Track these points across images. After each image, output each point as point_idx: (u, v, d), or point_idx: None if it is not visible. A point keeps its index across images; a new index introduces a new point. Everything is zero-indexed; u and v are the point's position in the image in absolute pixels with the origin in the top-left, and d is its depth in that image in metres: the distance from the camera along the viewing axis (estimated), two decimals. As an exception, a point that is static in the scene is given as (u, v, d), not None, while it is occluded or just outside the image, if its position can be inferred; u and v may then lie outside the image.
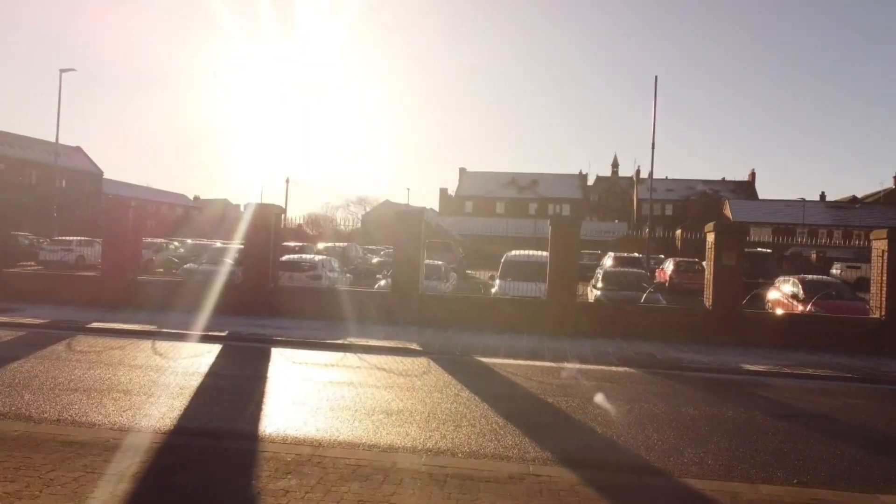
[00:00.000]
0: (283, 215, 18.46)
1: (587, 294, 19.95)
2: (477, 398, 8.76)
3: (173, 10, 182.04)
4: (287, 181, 58.63)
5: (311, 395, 8.63)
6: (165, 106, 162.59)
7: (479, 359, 11.80)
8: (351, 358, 11.57)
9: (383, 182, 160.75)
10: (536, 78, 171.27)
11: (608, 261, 27.56)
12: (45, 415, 7.23)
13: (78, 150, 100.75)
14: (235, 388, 9.10)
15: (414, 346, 12.72)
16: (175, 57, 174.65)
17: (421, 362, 11.37)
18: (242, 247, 17.90)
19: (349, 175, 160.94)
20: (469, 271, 31.56)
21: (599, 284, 18.67)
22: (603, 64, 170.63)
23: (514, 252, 20.40)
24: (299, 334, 13.47)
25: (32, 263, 31.67)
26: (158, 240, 36.53)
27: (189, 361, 10.62)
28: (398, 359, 11.61)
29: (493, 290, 18.32)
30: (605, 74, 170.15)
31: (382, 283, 19.44)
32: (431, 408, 8.19)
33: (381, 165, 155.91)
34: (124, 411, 7.51)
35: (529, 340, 13.74)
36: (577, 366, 11.47)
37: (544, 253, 16.96)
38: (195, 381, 9.18)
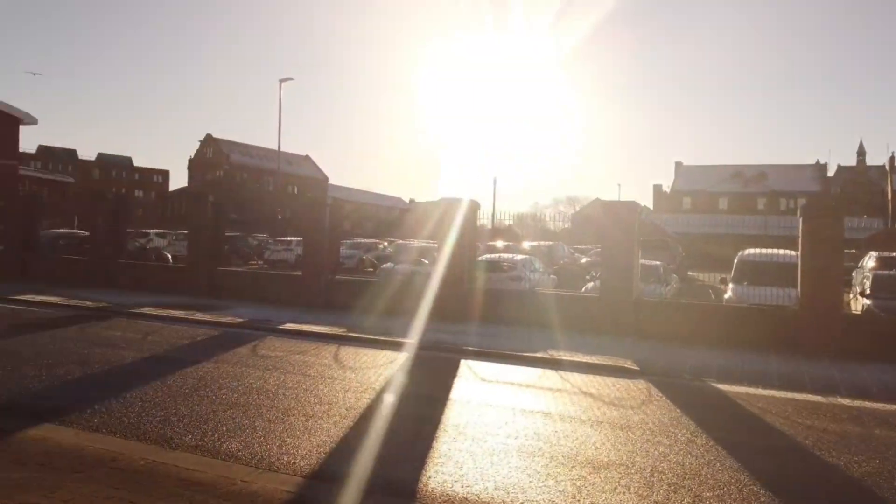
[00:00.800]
0: (478, 211, 17.00)
1: (850, 303, 16.08)
2: (719, 448, 6.38)
3: (389, 13, 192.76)
4: (494, 181, 58.04)
5: (497, 429, 6.84)
6: (384, 111, 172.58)
7: (714, 385, 9.24)
8: (550, 377, 9.64)
9: (593, 180, 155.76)
10: (762, 60, 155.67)
11: (870, 262, 22.66)
12: (185, 438, 6.20)
13: (307, 158, 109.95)
14: (407, 413, 7.60)
15: (629, 364, 10.46)
16: (388, 62, 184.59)
17: (639, 387, 9.11)
18: (437, 246, 16.75)
19: (558, 174, 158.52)
20: (691, 273, 28.03)
21: (868, 291, 14.80)
22: (840, 36, 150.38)
23: (750, 251, 17.05)
24: (493, 344, 11.81)
25: (260, 262, 34.00)
26: (369, 240, 37.54)
27: (368, 374, 9.38)
28: (609, 381, 9.45)
29: (726, 297, 15.28)
30: (843, 50, 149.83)
31: (590, 285, 17.23)
32: (655, 461, 5.99)
33: (591, 163, 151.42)
34: (270, 439, 6.28)
35: (779, 362, 10.79)
36: (858, 403, 8.46)
37: (791, 252, 13.70)
38: (365, 400, 7.84)
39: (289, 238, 35.40)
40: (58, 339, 10.93)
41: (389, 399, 8.04)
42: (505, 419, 7.27)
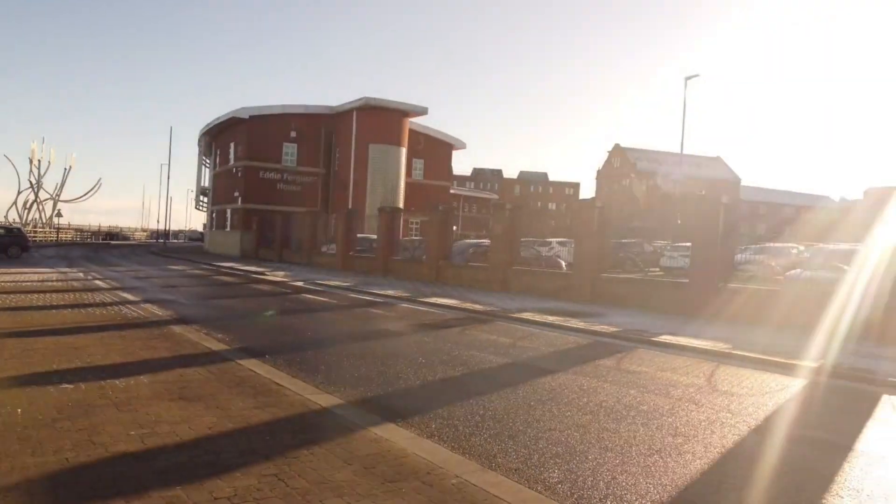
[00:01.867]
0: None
1: None
2: None
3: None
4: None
5: (923, 505, 4.74)
6: (797, 103, 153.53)
7: None
8: None
9: None
10: None
11: None
12: (510, 457, 5.65)
13: (717, 159, 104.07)
14: (785, 463, 5.83)
15: None
16: (794, 51, 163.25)
17: None
18: (860, 248, 13.54)
19: None
20: None
21: None
22: None
23: None
24: (937, 377, 8.78)
25: (657, 269, 32.81)
26: (780, 244, 33.15)
27: (745, 402, 7.71)
28: None
29: None
30: None
31: None
32: None
33: None
34: (599, 474, 5.33)
35: None
36: None
37: None
38: (732, 438, 6.31)
39: (686, 244, 33.37)
40: (438, 339, 11.67)
41: (764, 439, 6.35)
42: (940, 491, 5.04)
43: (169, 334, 11.07)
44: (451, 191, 60.62)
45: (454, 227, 29.94)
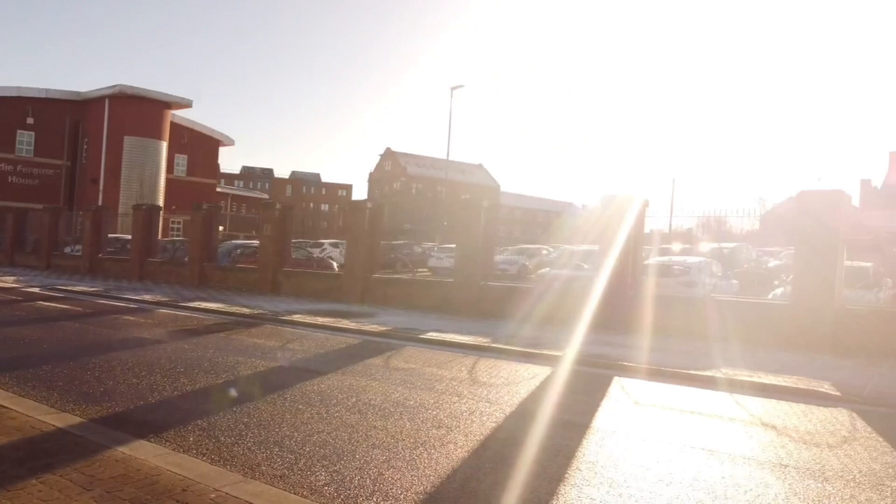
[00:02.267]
0: (646, 208, 15.27)
1: None
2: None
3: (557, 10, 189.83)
4: (673, 181, 54.34)
5: (645, 471, 5.43)
6: (556, 113, 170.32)
7: (949, 421, 7.05)
8: (723, 402, 7.96)
9: (787, 177, 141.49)
10: None
11: None
12: (274, 465, 5.47)
13: (479, 166, 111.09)
14: (536, 443, 6.35)
15: (826, 387, 8.43)
16: (563, 59, 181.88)
17: (839, 418, 7.20)
18: (597, 249, 15.27)
19: (747, 174, 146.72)
20: (910, 278, 23.74)
21: None
22: None
23: None
24: (657, 359, 10.19)
25: (425, 270, 34.13)
26: (534, 246, 36.36)
27: (501, 391, 8.28)
28: (799, 409, 7.59)
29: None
30: None
31: (779, 291, 14.86)
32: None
33: (786, 158, 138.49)
34: (366, 471, 5.37)
35: None
36: None
37: None
38: (490, 425, 6.73)
39: (452, 245, 35.22)
40: (200, 346, 10.98)
41: (518, 424, 6.87)
42: (657, 457, 5.82)
43: None
44: (219, 189, 57.64)
45: (221, 227, 28.49)
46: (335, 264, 25.76)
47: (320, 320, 13.94)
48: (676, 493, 4.95)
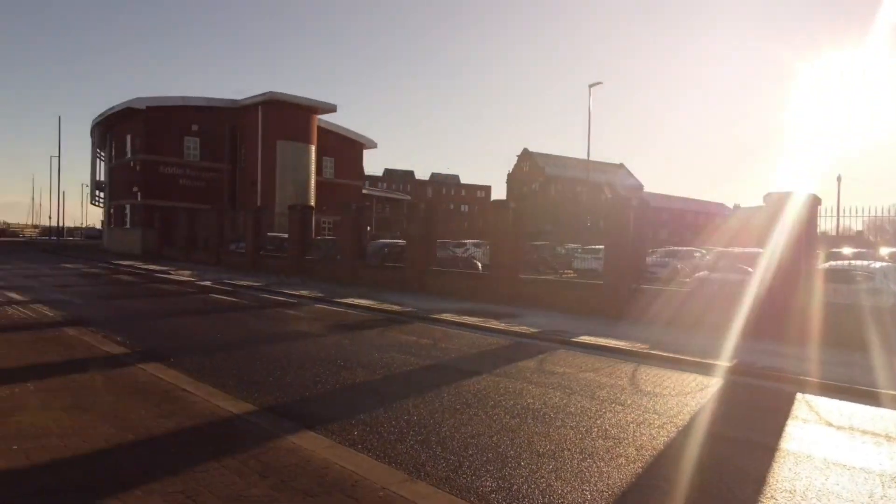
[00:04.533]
0: (818, 207, 13.91)
1: None
2: None
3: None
4: (839, 179, 49.67)
5: (851, 504, 4.77)
6: (700, 113, 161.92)
7: None
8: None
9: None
10: None
11: None
12: (439, 466, 5.35)
13: (621, 166, 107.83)
14: (718, 463, 5.80)
15: None
16: (701, 59, 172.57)
17: None
18: (763, 251, 14.08)
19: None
20: None
21: None
22: None
23: None
24: (845, 375, 9.13)
25: (569, 271, 33.44)
26: (686, 248, 34.57)
27: (669, 402, 7.72)
28: None
29: None
30: None
31: None
32: None
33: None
34: (534, 480, 5.10)
35: None
36: None
37: None
38: (662, 439, 6.25)
39: (598, 246, 34.23)
40: (357, 342, 11.23)
41: (693, 440, 6.33)
42: (869, 489, 5.11)
43: (61, 337, 10.13)
44: (364, 191, 59.83)
45: (367, 227, 29.41)
46: (479, 264, 25.81)
47: (469, 320, 13.88)
48: (897, 533, 4.28)
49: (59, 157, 57.34)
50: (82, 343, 9.60)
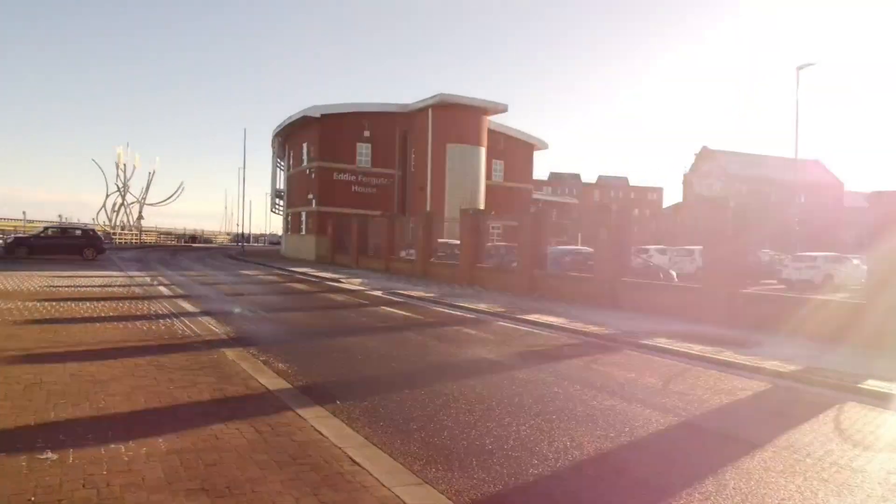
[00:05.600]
0: None
1: None
2: None
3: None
4: None
5: None
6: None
7: None
8: None
9: None
10: None
11: None
12: None
13: (816, 163, 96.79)
14: None
15: None
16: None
17: None
18: None
19: None
20: None
21: None
22: None
23: None
24: None
25: (773, 281, 28.81)
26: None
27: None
28: None
29: None
30: None
31: None
32: None
33: None
34: None
35: None
36: None
37: None
38: None
39: (813, 254, 29.23)
40: (561, 379, 8.77)
41: None
42: None
43: (218, 362, 8.69)
44: (533, 195, 57.39)
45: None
46: (674, 273, 22.50)
47: (695, 348, 10.96)
48: None
49: (243, 167, 60.71)
50: (238, 374, 8.04)
